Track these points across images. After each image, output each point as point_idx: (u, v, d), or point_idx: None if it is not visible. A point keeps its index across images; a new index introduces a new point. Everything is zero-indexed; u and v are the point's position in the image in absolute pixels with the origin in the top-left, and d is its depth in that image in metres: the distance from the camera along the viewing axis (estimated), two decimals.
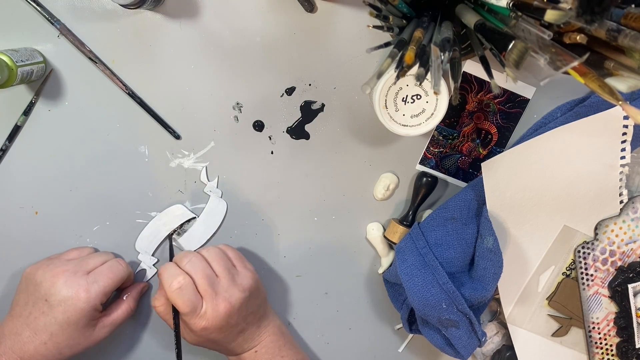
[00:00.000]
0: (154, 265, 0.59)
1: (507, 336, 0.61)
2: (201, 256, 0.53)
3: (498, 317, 0.62)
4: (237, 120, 0.56)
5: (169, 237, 0.58)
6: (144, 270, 0.59)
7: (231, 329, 0.52)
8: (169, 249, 0.58)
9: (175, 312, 0.52)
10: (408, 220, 0.58)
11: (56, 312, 0.49)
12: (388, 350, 0.64)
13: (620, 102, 0.33)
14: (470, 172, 0.59)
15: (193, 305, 0.49)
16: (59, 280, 0.50)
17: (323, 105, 0.56)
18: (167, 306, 0.53)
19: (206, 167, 0.57)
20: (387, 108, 0.50)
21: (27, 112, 0.54)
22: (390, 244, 0.60)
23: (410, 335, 0.64)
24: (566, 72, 0.33)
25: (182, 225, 0.58)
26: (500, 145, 0.58)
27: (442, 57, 0.36)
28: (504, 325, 0.61)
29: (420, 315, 0.54)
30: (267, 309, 0.57)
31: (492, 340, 0.62)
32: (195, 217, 0.58)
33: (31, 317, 0.50)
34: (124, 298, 0.56)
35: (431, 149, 0.58)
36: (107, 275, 0.52)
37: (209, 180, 0.57)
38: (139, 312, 0.60)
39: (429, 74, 0.36)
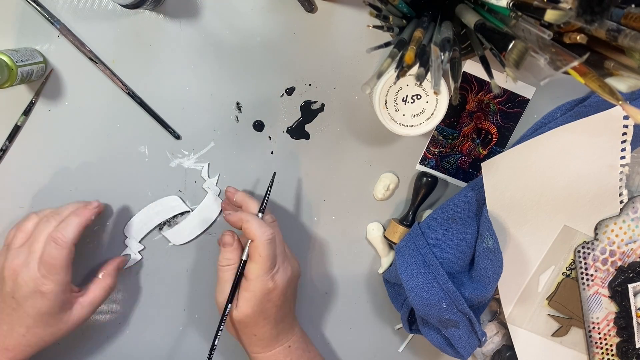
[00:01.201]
0: (139, 252, 0.58)
1: (507, 336, 0.61)
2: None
3: (498, 317, 0.62)
4: (237, 120, 0.56)
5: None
6: (127, 256, 0.58)
7: (282, 305, 0.52)
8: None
9: (242, 265, 0.51)
10: (408, 220, 0.58)
11: (26, 307, 0.49)
12: (388, 350, 0.64)
13: (620, 102, 0.33)
14: (470, 172, 0.59)
15: (273, 260, 0.50)
16: (17, 278, 0.49)
17: (323, 105, 0.56)
18: (237, 263, 0.52)
19: (208, 164, 0.57)
20: (387, 108, 0.50)
21: (27, 112, 0.54)
22: (390, 244, 0.60)
23: (410, 335, 0.64)
24: (566, 72, 0.33)
25: (174, 216, 0.58)
26: (500, 145, 0.58)
27: (442, 57, 0.36)
28: (504, 325, 0.61)
29: (420, 315, 0.54)
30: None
31: (492, 340, 0.62)
32: (189, 211, 0.58)
33: (4, 313, 0.50)
34: (100, 276, 0.55)
35: (431, 149, 0.58)
36: (56, 258, 0.49)
37: (209, 177, 0.57)
38: (139, 311, 0.60)
39: (429, 74, 0.36)
